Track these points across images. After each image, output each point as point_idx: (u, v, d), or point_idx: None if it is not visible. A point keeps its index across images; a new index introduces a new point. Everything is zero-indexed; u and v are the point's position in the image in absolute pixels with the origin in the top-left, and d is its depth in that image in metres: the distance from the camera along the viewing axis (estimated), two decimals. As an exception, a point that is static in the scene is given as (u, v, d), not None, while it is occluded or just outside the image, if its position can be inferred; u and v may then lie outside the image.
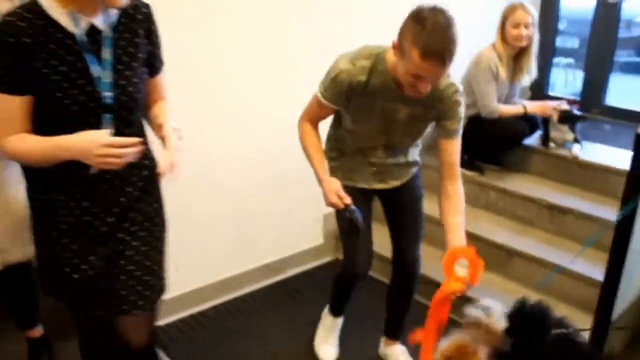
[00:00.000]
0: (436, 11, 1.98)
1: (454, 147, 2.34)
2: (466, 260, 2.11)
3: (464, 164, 3.84)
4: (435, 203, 2.39)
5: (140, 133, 1.93)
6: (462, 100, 2.29)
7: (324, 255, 3.89)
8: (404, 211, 2.63)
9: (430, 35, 1.93)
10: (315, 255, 3.83)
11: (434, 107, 2.27)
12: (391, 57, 2.15)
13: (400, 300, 2.80)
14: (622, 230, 2.54)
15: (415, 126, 2.38)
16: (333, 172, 2.47)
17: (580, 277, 3.05)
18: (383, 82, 2.23)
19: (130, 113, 1.84)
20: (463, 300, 2.15)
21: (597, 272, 2.87)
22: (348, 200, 2.25)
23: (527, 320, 1.89)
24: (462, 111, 2.30)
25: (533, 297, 3.11)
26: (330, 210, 3.11)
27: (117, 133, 1.74)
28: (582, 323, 2.88)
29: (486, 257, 3.38)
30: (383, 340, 2.95)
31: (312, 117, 2.43)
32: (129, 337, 2.16)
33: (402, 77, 2.10)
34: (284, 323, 3.24)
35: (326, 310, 2.99)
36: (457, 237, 2.23)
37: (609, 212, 3.13)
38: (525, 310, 1.92)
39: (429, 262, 3.07)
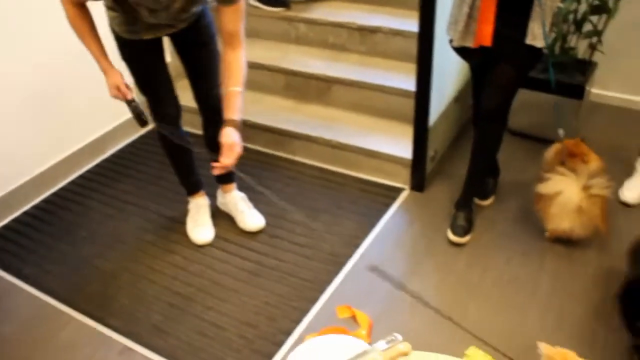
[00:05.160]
0: None
1: (235, 14, 2.18)
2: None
3: (269, 0, 3.70)
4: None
5: None
6: None
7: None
8: (197, 55, 2.49)
9: None
10: (134, 126, 3.60)
11: None
12: None
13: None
14: (424, 40, 2.62)
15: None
16: (113, 20, 2.28)
17: (397, 90, 3.14)
18: None
19: None
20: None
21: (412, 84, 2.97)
22: (129, 95, 2.28)
23: None
24: None
25: (355, 118, 3.27)
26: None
27: None
28: (405, 133, 3.01)
29: (305, 90, 3.44)
30: (220, 190, 2.91)
31: None
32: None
33: None
34: (116, 202, 3.11)
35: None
36: (230, 108, 2.20)
37: (414, 25, 3.18)
38: None
39: (249, 107, 3.00)
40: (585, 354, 2.14)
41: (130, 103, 2.32)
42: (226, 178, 2.84)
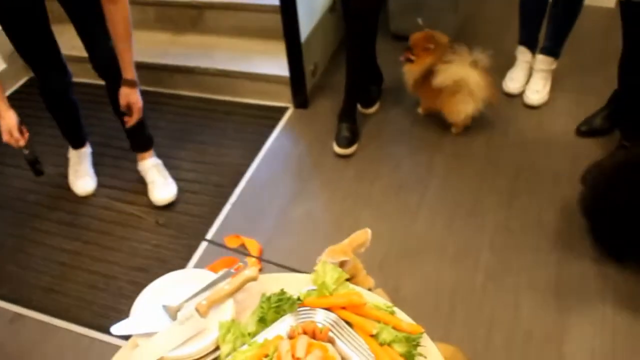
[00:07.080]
0: None
1: None
2: None
3: None
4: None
5: None
6: None
7: (12, 81, 3.47)
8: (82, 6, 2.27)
9: None
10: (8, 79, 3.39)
11: None
12: None
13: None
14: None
15: None
16: None
17: (269, 7, 3.01)
18: None
19: None
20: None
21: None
22: (22, 142, 2.12)
23: None
24: None
25: (233, 42, 3.15)
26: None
27: None
28: (284, 51, 2.90)
29: (178, 20, 3.28)
30: (138, 158, 2.69)
31: None
32: None
33: None
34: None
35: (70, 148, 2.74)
36: (125, 68, 2.20)
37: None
38: None
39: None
40: (472, 242, 2.20)
41: (22, 150, 2.13)
42: (139, 146, 2.64)
